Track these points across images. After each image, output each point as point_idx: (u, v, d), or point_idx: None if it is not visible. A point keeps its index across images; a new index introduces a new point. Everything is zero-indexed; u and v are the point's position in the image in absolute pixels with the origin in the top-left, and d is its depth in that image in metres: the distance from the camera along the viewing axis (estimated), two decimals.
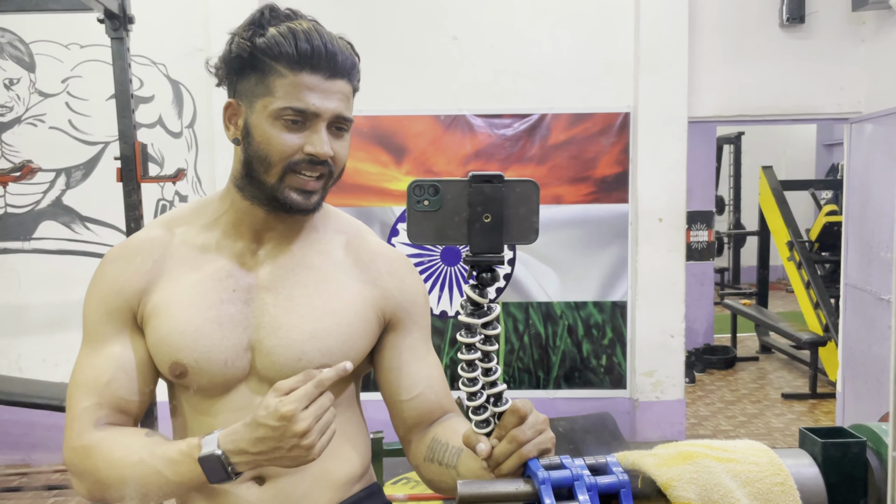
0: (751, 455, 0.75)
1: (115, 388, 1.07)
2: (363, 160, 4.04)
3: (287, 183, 1.04)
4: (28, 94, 3.98)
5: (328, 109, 1.03)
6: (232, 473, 0.96)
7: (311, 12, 1.08)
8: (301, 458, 0.95)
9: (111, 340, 1.09)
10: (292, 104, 1.01)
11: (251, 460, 0.96)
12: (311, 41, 1.00)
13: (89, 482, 1.04)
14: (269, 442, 0.94)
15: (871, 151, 3.94)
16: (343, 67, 1.04)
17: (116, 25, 2.73)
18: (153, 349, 1.09)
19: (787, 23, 3.98)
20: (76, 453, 1.04)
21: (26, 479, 3.85)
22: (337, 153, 1.06)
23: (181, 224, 1.14)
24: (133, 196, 2.79)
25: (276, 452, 0.94)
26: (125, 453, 1.01)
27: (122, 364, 1.08)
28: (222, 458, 0.95)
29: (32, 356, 4.06)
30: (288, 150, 1.03)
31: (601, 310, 4.18)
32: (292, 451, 0.94)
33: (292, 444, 0.93)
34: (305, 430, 0.92)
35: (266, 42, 1.01)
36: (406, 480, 2.95)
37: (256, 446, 0.94)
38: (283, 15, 1.04)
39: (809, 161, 10.56)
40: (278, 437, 0.93)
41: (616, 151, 4.09)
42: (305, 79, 1.01)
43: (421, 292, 1.20)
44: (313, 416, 0.93)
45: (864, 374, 4.03)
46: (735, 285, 9.20)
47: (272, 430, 0.93)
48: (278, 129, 1.03)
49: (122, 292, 1.09)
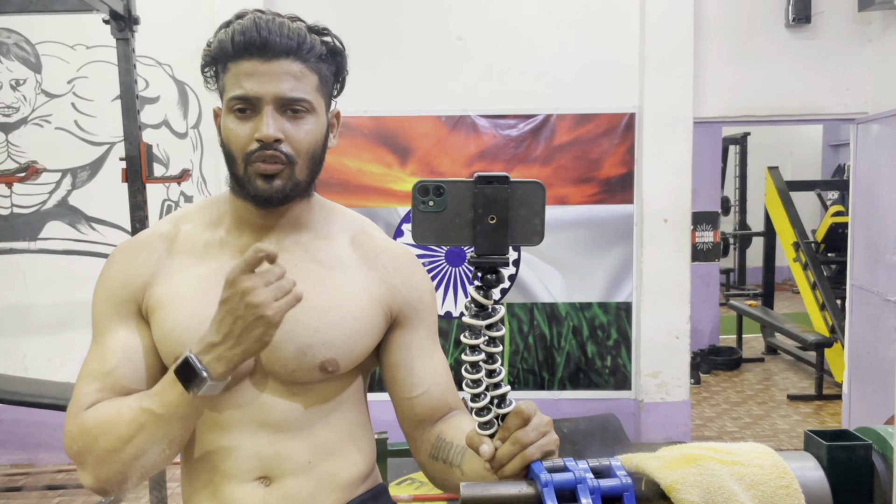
0: (755, 458, 0.75)
1: (119, 376, 1.06)
2: (368, 161, 4.04)
3: (250, 172, 1.05)
4: (34, 95, 3.99)
5: (268, 91, 1.02)
6: (202, 372, 0.94)
7: (314, 14, 1.09)
8: (262, 328, 0.93)
9: (117, 330, 1.09)
10: (234, 92, 1.03)
11: (219, 354, 0.94)
12: (246, 33, 1.02)
13: (91, 460, 1.01)
14: (227, 319, 0.93)
15: (877, 152, 3.93)
16: (284, 48, 1.02)
17: (122, 26, 2.74)
18: (158, 342, 1.09)
19: (793, 23, 3.97)
20: (71, 436, 1.03)
21: (31, 479, 3.87)
22: (291, 135, 1.05)
23: (188, 221, 1.16)
24: (138, 196, 2.80)
25: (236, 330, 0.93)
26: (117, 410, 1.00)
27: (127, 352, 1.08)
28: (193, 360, 0.94)
29: (38, 356, 4.07)
30: (241, 141, 1.04)
31: (606, 311, 4.18)
32: (242, 320, 0.92)
33: (239, 310, 0.92)
34: (262, 301, 0.92)
35: (215, 46, 1.05)
36: (411, 481, 2.95)
37: (220, 330, 0.94)
38: (241, 17, 1.05)
39: (815, 162, 10.53)
40: (231, 309, 0.93)
41: (621, 152, 4.09)
42: (243, 66, 1.03)
43: (428, 289, 1.20)
44: (259, 279, 0.93)
45: (870, 376, 4.01)
46: (741, 286, 9.19)
47: (225, 304, 0.93)
48: (231, 121, 1.05)
49: (128, 285, 1.10)
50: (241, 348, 0.94)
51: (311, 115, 1.07)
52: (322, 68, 1.08)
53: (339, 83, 1.14)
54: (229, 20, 1.07)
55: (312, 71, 1.06)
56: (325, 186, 3.83)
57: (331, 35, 1.10)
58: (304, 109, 1.06)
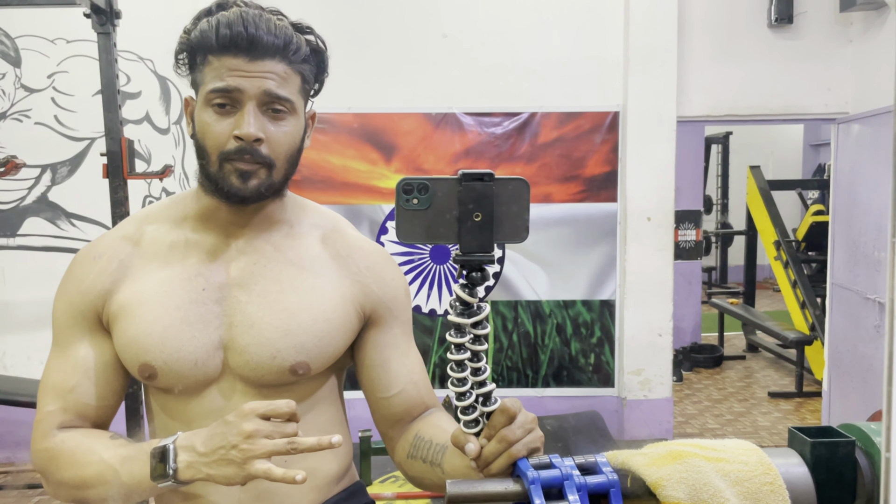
0: (740, 454, 0.75)
1: (80, 395, 1.06)
2: (352, 158, 4.02)
3: (225, 170, 1.02)
4: (13, 90, 3.94)
5: (252, 87, 1.00)
6: (172, 472, 0.92)
7: (299, 10, 1.07)
8: (233, 465, 0.90)
9: (77, 344, 1.08)
10: (214, 85, 1.00)
11: (193, 460, 0.92)
12: (232, 27, 0.99)
13: (53, 483, 1.03)
14: (217, 438, 0.91)
15: (857, 152, 3.97)
16: (271, 47, 1.00)
17: (103, 20, 2.70)
18: (121, 351, 1.07)
19: (776, 23, 4.00)
20: (40, 455, 1.04)
21: (10, 478, 3.82)
22: (271, 137, 1.03)
23: (153, 221, 1.13)
24: (119, 192, 2.77)
25: (217, 453, 0.91)
26: (86, 453, 1.01)
27: (86, 370, 1.07)
28: (170, 452, 0.92)
29: (17, 353, 4.02)
30: (219, 137, 1.01)
31: (590, 308, 4.19)
32: (230, 452, 0.90)
33: (234, 442, 0.89)
34: (252, 431, 0.89)
35: (196, 35, 1.02)
36: (394, 479, 2.94)
37: (206, 444, 0.92)
38: (225, 6, 1.03)
39: (796, 161, 10.63)
40: (226, 432, 0.90)
41: (605, 150, 4.10)
42: (228, 62, 1.00)
43: (401, 287, 1.18)
44: (268, 427, 0.90)
45: (850, 373, 4.06)
46: (722, 284, 9.26)
47: (225, 425, 0.91)
48: (209, 115, 1.02)
49: (87, 294, 1.08)
50: (213, 471, 0.91)
51: (292, 117, 1.05)
52: (305, 69, 1.06)
53: (318, 83, 1.12)
54: (210, 9, 1.04)
55: (296, 72, 1.05)
56: (308, 184, 3.82)
57: (314, 34, 1.08)
58: (286, 110, 1.04)
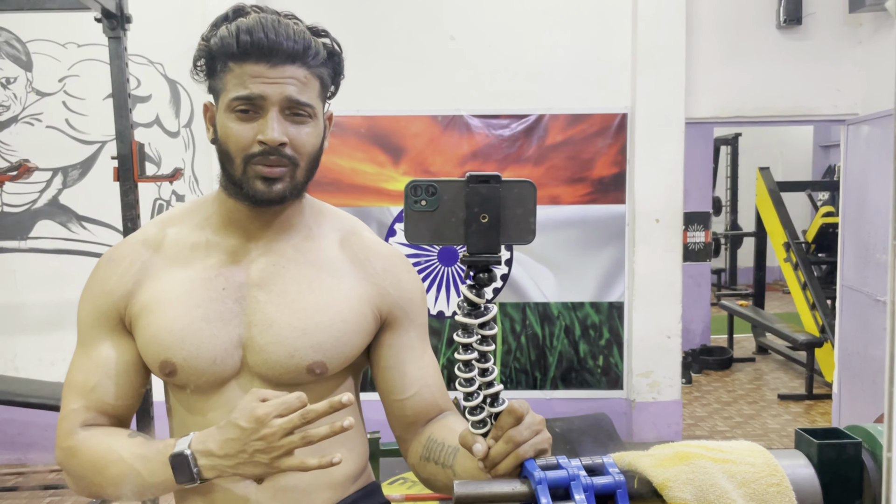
0: (747, 456, 0.75)
1: (101, 394, 1.09)
2: (361, 160, 4.03)
3: (249, 174, 1.04)
4: (25, 93, 3.97)
5: (274, 93, 1.02)
6: (197, 476, 0.96)
7: (308, 12, 1.09)
8: (261, 466, 0.94)
9: (100, 344, 1.11)
10: (238, 93, 1.02)
11: (216, 464, 0.95)
12: (252, 34, 1.01)
13: (76, 480, 1.06)
14: (236, 444, 0.94)
15: (867, 153, 3.95)
16: (291, 53, 1.02)
17: (114, 24, 2.72)
18: (143, 348, 1.09)
19: (785, 24, 3.99)
20: (64, 453, 1.07)
21: (22, 479, 3.85)
22: (294, 139, 1.05)
23: (175, 224, 1.15)
24: (130, 195, 2.79)
25: (240, 457, 0.94)
26: (106, 452, 1.03)
27: (107, 370, 1.10)
28: (189, 458, 0.96)
29: (29, 355, 4.05)
30: (242, 142, 1.04)
31: (598, 310, 4.19)
32: (254, 456, 0.93)
33: (255, 447, 0.93)
34: (269, 435, 0.92)
35: (216, 41, 1.04)
36: (403, 481, 2.95)
37: (223, 448, 0.94)
38: (242, 12, 1.05)
39: (806, 162, 10.58)
40: (245, 438, 0.93)
41: (613, 152, 4.10)
42: (249, 69, 1.02)
43: (418, 290, 1.20)
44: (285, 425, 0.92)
45: (860, 376, 4.03)
46: (732, 286, 9.22)
47: (241, 430, 0.93)
48: (232, 121, 1.04)
49: (110, 295, 1.11)
50: (240, 471, 0.96)
51: (312, 120, 1.07)
52: (323, 73, 1.08)
53: (334, 86, 1.14)
54: (227, 14, 1.06)
55: (315, 76, 1.07)
56: (317, 186, 3.82)
57: (330, 37, 1.10)
58: (307, 115, 1.06)
